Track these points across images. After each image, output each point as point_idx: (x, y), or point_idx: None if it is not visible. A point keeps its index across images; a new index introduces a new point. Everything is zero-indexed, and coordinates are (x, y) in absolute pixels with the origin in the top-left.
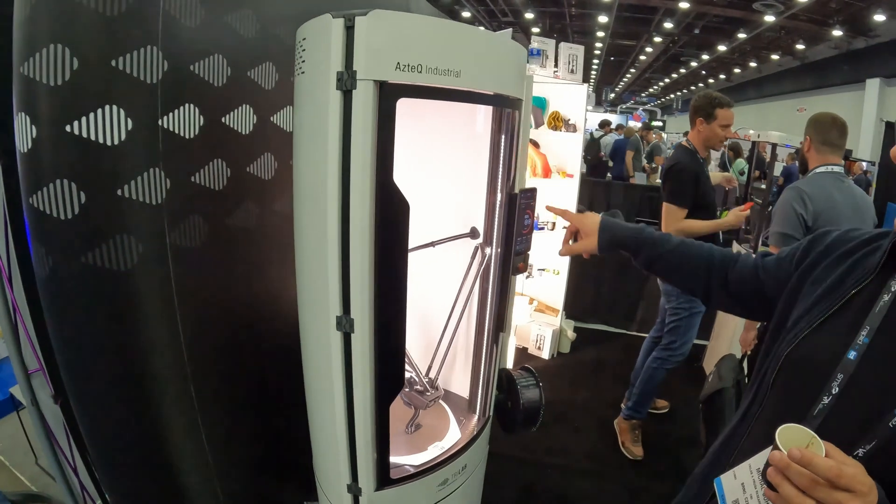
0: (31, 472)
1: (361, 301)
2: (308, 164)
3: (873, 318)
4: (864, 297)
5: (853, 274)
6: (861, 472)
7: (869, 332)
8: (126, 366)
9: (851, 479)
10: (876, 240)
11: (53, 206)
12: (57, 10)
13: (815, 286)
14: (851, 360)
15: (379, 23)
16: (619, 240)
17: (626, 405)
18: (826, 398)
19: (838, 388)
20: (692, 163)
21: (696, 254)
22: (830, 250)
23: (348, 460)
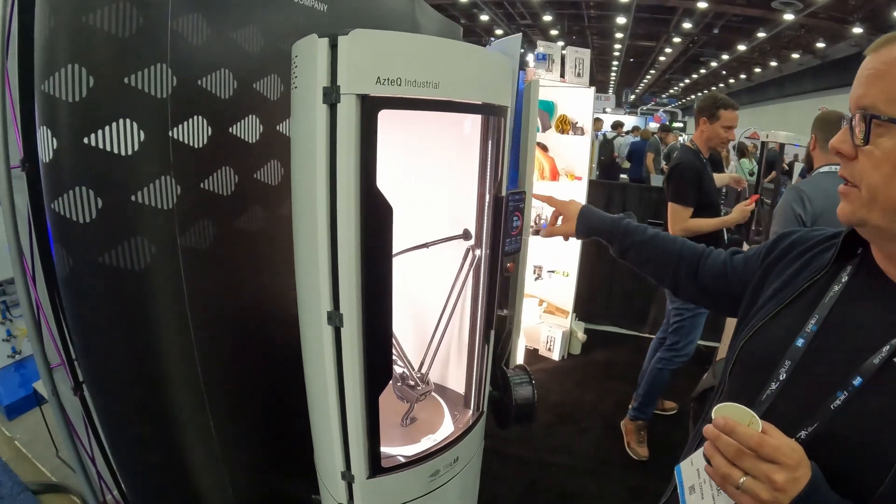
0: (52, 463)
1: (349, 297)
2: (301, 172)
3: (822, 307)
4: (815, 290)
5: (808, 269)
6: (788, 447)
7: (817, 320)
8: (139, 360)
9: (775, 449)
10: (834, 238)
11: (73, 210)
12: (74, 33)
13: (774, 281)
14: (799, 347)
15: (359, 41)
16: (595, 227)
17: (632, 406)
18: (774, 384)
19: (785, 375)
20: (695, 162)
21: (667, 246)
22: (792, 248)
23: (342, 448)
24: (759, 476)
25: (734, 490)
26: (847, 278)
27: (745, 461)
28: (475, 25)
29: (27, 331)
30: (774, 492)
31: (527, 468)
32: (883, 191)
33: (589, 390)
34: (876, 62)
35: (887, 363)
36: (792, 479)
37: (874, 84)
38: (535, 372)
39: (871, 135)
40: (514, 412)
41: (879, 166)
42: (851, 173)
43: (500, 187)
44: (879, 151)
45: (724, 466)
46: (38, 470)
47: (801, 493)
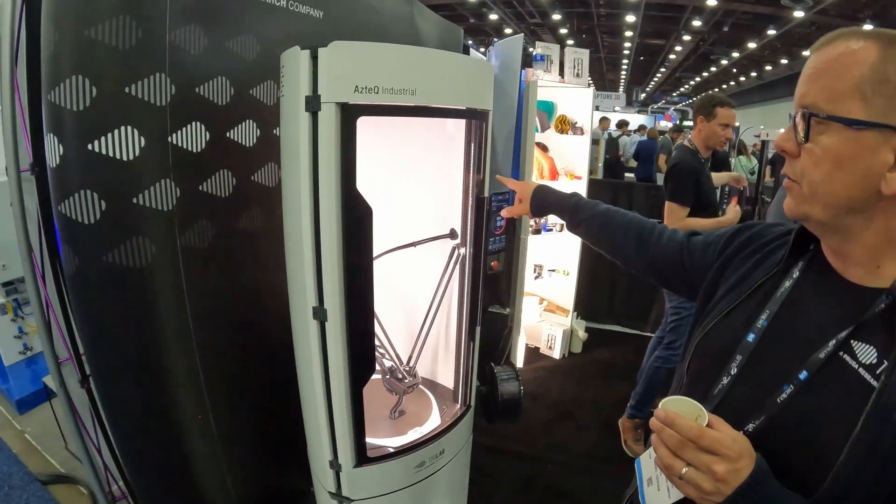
0: (61, 456)
1: (332, 293)
2: (288, 175)
3: (773, 303)
4: (769, 285)
5: (763, 265)
6: (729, 439)
7: (768, 316)
8: (141, 352)
9: (714, 441)
10: (788, 234)
11: (79, 212)
12: (77, 46)
13: (731, 276)
14: (750, 342)
15: (338, 52)
16: (548, 204)
17: (630, 405)
18: (725, 379)
19: (736, 369)
20: (693, 162)
21: (617, 220)
22: (749, 242)
23: (329, 438)
24: (700, 467)
25: (678, 481)
26: (798, 274)
27: (687, 452)
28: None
29: (37, 326)
30: (716, 482)
31: (523, 465)
32: (823, 187)
33: (589, 388)
34: (816, 61)
35: (832, 357)
36: (733, 469)
37: (814, 82)
38: (535, 370)
39: (811, 132)
40: (501, 406)
41: (819, 163)
42: (794, 170)
43: (482, 188)
44: (819, 149)
45: (667, 457)
46: (48, 462)
47: (742, 484)
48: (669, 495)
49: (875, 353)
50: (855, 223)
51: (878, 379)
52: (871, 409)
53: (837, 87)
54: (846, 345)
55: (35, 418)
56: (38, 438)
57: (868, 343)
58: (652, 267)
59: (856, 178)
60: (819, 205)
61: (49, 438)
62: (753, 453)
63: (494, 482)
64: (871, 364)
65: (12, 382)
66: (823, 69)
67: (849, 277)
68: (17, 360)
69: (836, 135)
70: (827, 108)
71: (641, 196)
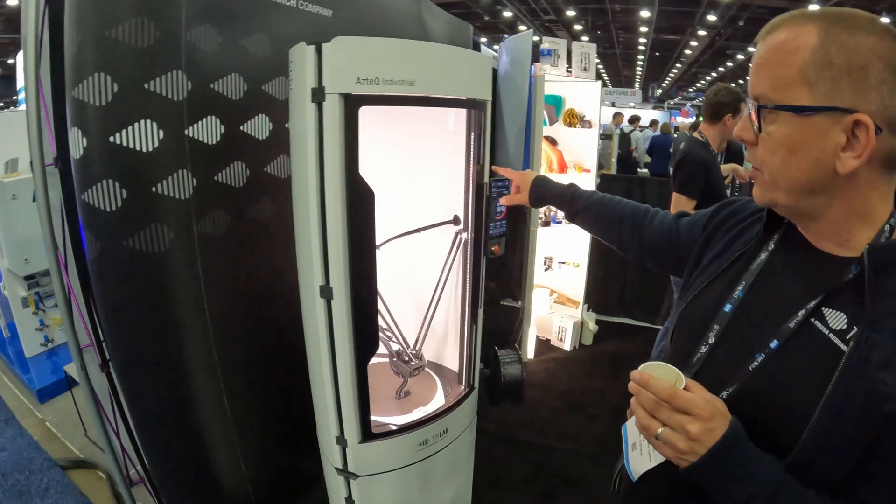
0: (81, 442)
1: (337, 271)
2: (297, 163)
3: (749, 274)
4: (746, 258)
5: (741, 239)
6: (703, 399)
7: (744, 286)
8: (158, 334)
9: (687, 402)
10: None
11: (101, 201)
12: (99, 45)
13: (712, 249)
14: (727, 312)
15: (341, 47)
16: (546, 195)
17: None
18: (703, 348)
19: (714, 339)
20: (703, 154)
21: (612, 207)
22: (731, 216)
23: (335, 413)
24: (675, 426)
25: (656, 441)
26: (773, 246)
27: (661, 412)
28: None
29: (60, 313)
30: (690, 441)
31: (532, 453)
32: (781, 173)
33: (598, 379)
34: (762, 50)
35: (803, 325)
36: (707, 429)
37: (760, 72)
38: (546, 361)
39: (763, 123)
40: (503, 389)
41: (775, 151)
42: (755, 159)
43: (481, 174)
44: (773, 138)
45: (643, 418)
46: (67, 448)
47: (717, 444)
48: (651, 459)
49: (845, 319)
50: (818, 203)
51: (848, 344)
52: (840, 372)
53: (782, 75)
54: (817, 312)
55: (55, 407)
56: (58, 426)
57: (838, 310)
58: (644, 249)
59: (811, 162)
60: (781, 191)
61: (69, 426)
62: (728, 415)
63: (503, 469)
64: (841, 329)
65: (33, 373)
66: (768, 58)
67: (821, 248)
68: (38, 352)
69: (787, 123)
70: (775, 97)
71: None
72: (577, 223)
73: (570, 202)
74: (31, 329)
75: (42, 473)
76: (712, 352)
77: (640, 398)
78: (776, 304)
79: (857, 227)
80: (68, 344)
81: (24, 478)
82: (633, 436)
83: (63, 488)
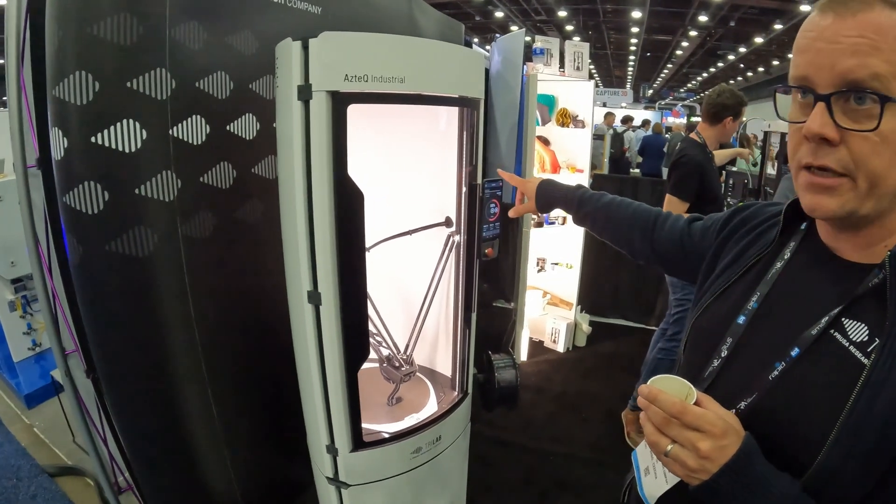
0: (69, 448)
1: (326, 276)
2: (284, 163)
3: (764, 284)
4: (760, 266)
5: (756, 245)
6: (714, 415)
7: (759, 297)
8: (144, 340)
9: (697, 417)
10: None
11: (83, 203)
12: (80, 43)
13: (726, 257)
14: (740, 324)
15: (328, 43)
16: (554, 199)
17: (633, 396)
18: (716, 361)
19: (727, 352)
20: (699, 156)
21: (622, 211)
22: (745, 223)
23: (325, 422)
24: (685, 443)
25: (665, 458)
26: (790, 255)
27: (671, 429)
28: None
29: (44, 318)
30: (700, 459)
31: (526, 457)
32: (885, 177)
33: (592, 381)
34: (861, 28)
35: (824, 334)
36: (717, 447)
37: (869, 56)
38: (539, 363)
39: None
40: (498, 394)
41: (879, 151)
42: (840, 161)
43: (474, 175)
44: (884, 135)
45: (652, 434)
46: (55, 454)
47: (729, 462)
48: (667, 481)
49: (866, 330)
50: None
51: (869, 357)
52: (861, 387)
53: None
54: (837, 322)
55: (43, 413)
56: (45, 432)
57: (859, 321)
58: (656, 254)
59: None
60: (874, 198)
61: (57, 432)
62: (741, 431)
63: (497, 473)
64: (861, 342)
65: (21, 378)
66: (878, 41)
67: (842, 255)
68: (26, 356)
69: None
70: (892, 88)
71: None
72: (584, 227)
73: (578, 205)
74: (18, 333)
75: (30, 480)
76: (725, 365)
77: (648, 413)
78: (795, 313)
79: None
80: (53, 349)
81: (12, 485)
82: (644, 460)
83: (51, 495)
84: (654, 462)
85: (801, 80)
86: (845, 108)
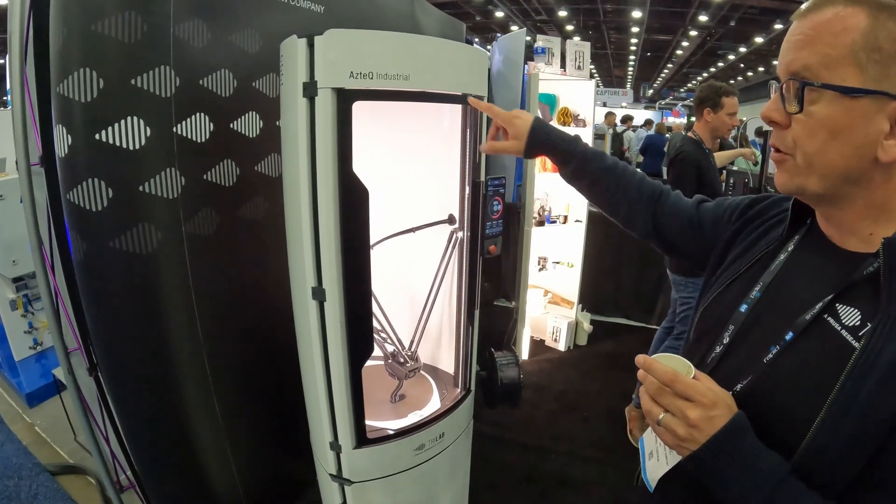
0: (70, 447)
1: (330, 272)
2: (288, 160)
3: (768, 275)
4: (766, 258)
5: (765, 239)
6: (705, 387)
7: (761, 287)
8: (146, 337)
9: (688, 387)
10: None
11: (86, 200)
12: (85, 40)
13: (737, 248)
14: (742, 312)
15: (333, 40)
16: (551, 144)
17: (636, 394)
18: (718, 348)
19: (729, 339)
20: (696, 154)
21: (627, 180)
22: (759, 215)
23: (329, 419)
24: (675, 412)
25: (657, 427)
26: (793, 247)
27: (664, 398)
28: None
29: (46, 316)
30: (689, 428)
31: (528, 455)
32: (819, 158)
33: (593, 380)
34: (804, 27)
35: (817, 319)
36: (706, 416)
37: (804, 49)
38: (540, 362)
39: (804, 102)
40: (500, 391)
41: (814, 133)
42: (784, 142)
43: (478, 172)
44: (813, 119)
45: (647, 403)
46: (57, 453)
47: (718, 433)
48: (668, 462)
49: (859, 315)
50: (851, 192)
51: (860, 341)
52: (850, 369)
53: (831, 53)
54: (831, 308)
55: (45, 411)
56: (47, 431)
57: (853, 306)
58: (656, 230)
59: (852, 147)
60: (815, 176)
61: (58, 431)
62: (733, 406)
63: (499, 471)
64: (854, 326)
65: (23, 377)
66: (814, 35)
67: (844, 246)
68: (27, 355)
69: (831, 103)
70: (821, 75)
71: None
72: (576, 185)
73: (581, 161)
74: (19, 332)
75: (31, 479)
76: (727, 351)
77: (645, 384)
78: (794, 300)
79: (883, 221)
80: (55, 347)
81: (14, 483)
82: (649, 445)
83: (52, 494)
84: (657, 446)
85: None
86: (788, 95)
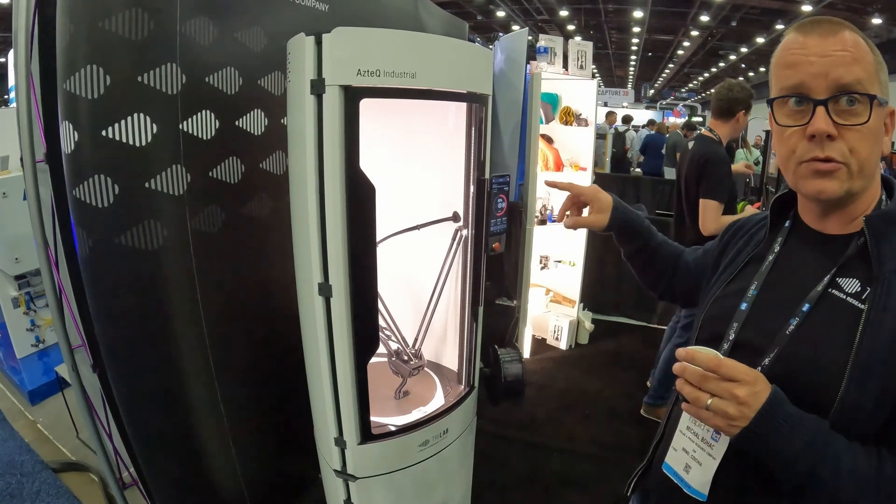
0: (73, 444)
1: (337, 268)
2: (295, 156)
3: (761, 275)
4: (755, 261)
5: (750, 245)
6: (744, 367)
7: (757, 286)
8: (151, 334)
9: (732, 368)
10: None
11: (92, 196)
12: (91, 37)
13: (725, 259)
14: (743, 310)
15: (341, 38)
16: (629, 221)
17: (648, 395)
18: (725, 345)
19: (734, 335)
20: (724, 154)
21: (670, 251)
22: (739, 230)
23: (334, 414)
24: (723, 394)
25: (706, 413)
26: (779, 247)
27: (710, 383)
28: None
29: (51, 312)
30: (739, 406)
31: (529, 453)
32: (868, 161)
33: (595, 379)
34: (841, 45)
35: (824, 293)
36: (752, 392)
37: (854, 64)
38: (542, 361)
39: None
40: (504, 388)
41: (866, 140)
42: (840, 152)
43: (482, 170)
44: (866, 127)
45: (692, 392)
46: (59, 450)
47: (765, 404)
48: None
49: (858, 283)
50: (868, 185)
51: (864, 303)
52: (863, 327)
53: (869, 69)
54: (833, 283)
55: (47, 409)
56: (49, 428)
57: (851, 277)
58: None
59: (880, 147)
60: (861, 179)
61: (61, 428)
62: (767, 382)
63: (500, 470)
64: (856, 292)
65: (25, 374)
66: (856, 53)
67: (827, 231)
68: (29, 353)
69: (875, 112)
70: (869, 88)
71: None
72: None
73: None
74: (21, 329)
75: (34, 476)
76: (733, 348)
77: (686, 374)
78: (798, 281)
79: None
80: (59, 344)
81: (16, 480)
82: (678, 463)
83: (55, 491)
84: (689, 456)
85: (796, 88)
86: (836, 108)
